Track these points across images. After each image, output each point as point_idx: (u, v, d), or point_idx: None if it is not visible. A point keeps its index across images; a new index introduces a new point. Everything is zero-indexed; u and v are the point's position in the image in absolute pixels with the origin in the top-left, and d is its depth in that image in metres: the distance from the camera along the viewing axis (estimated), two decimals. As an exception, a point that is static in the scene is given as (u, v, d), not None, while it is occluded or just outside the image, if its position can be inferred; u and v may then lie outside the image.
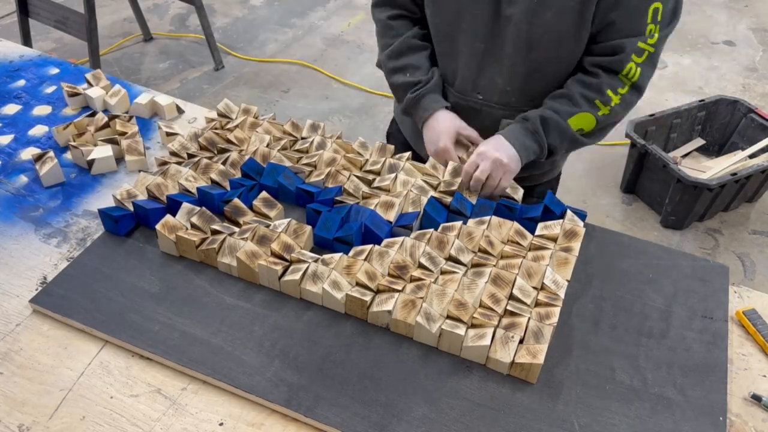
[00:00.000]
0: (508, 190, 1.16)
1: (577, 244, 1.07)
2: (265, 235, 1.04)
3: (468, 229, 1.07)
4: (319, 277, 0.99)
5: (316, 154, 1.23)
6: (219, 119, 1.33)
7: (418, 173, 1.21)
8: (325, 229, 1.08)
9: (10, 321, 0.98)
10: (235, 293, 1.01)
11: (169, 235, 1.04)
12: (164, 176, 1.16)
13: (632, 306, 1.03)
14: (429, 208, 1.11)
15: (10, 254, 1.08)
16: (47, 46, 3.30)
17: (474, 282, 0.98)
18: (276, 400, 0.87)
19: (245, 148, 1.25)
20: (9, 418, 0.85)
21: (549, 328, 0.93)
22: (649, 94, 3.08)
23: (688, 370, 0.94)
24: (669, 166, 2.29)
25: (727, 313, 1.03)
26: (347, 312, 0.98)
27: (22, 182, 1.22)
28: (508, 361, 0.90)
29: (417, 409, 0.86)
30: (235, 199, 1.11)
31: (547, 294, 0.98)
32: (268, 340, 0.94)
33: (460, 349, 0.92)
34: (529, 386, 0.90)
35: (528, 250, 1.06)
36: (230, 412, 0.88)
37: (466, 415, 0.86)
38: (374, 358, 0.92)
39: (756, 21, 3.75)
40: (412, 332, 0.95)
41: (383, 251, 1.02)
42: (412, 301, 0.95)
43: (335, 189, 1.15)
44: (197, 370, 0.90)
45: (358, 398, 0.87)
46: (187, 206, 1.09)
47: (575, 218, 1.12)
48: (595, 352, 0.96)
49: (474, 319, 0.93)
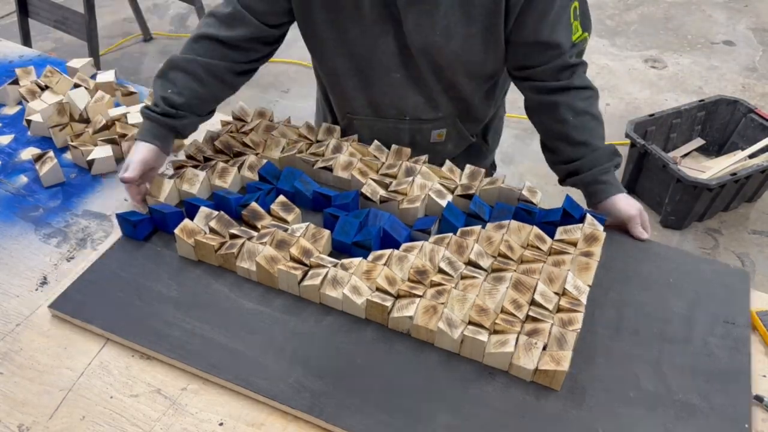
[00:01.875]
0: (526, 193, 1.16)
1: (597, 248, 1.06)
2: (283, 240, 1.04)
3: (487, 234, 1.06)
4: (339, 282, 0.98)
5: (332, 157, 1.22)
6: (234, 122, 1.32)
7: (434, 176, 1.20)
8: (344, 234, 1.07)
9: (9, 321, 0.98)
10: (254, 298, 1.00)
11: (187, 239, 1.03)
12: (181, 179, 1.16)
13: (654, 311, 1.02)
14: (447, 213, 1.10)
15: (10, 254, 1.09)
16: (47, 46, 3.30)
17: (495, 287, 0.97)
18: (298, 406, 0.86)
19: (261, 151, 1.25)
20: (9, 418, 0.86)
21: (572, 335, 0.92)
22: (649, 94, 3.23)
23: (711, 376, 0.93)
24: (669, 166, 2.30)
25: (749, 318, 1.02)
26: (367, 317, 0.98)
27: (22, 182, 1.23)
28: (532, 367, 0.89)
29: (440, 416, 0.86)
30: (252, 202, 1.10)
31: (569, 299, 0.98)
32: (289, 346, 0.93)
33: (482, 355, 0.92)
34: (553, 393, 0.90)
35: (548, 254, 1.05)
36: (230, 412, 0.88)
37: (491, 423, 0.85)
38: (396, 365, 0.92)
39: (756, 21, 3.75)
40: (433, 338, 0.94)
41: (402, 256, 1.01)
42: (433, 306, 0.94)
43: (352, 193, 1.15)
44: (218, 376, 0.89)
45: (381, 405, 0.86)
46: (204, 210, 1.08)
47: (595, 222, 1.11)
48: (618, 358, 0.95)
49: (496, 325, 0.93)
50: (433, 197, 1.14)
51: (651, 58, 3.41)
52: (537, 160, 2.80)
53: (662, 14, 3.81)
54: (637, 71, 3.33)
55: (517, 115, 2.99)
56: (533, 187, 1.17)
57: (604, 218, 1.13)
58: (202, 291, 1.01)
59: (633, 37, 3.60)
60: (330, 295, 0.98)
